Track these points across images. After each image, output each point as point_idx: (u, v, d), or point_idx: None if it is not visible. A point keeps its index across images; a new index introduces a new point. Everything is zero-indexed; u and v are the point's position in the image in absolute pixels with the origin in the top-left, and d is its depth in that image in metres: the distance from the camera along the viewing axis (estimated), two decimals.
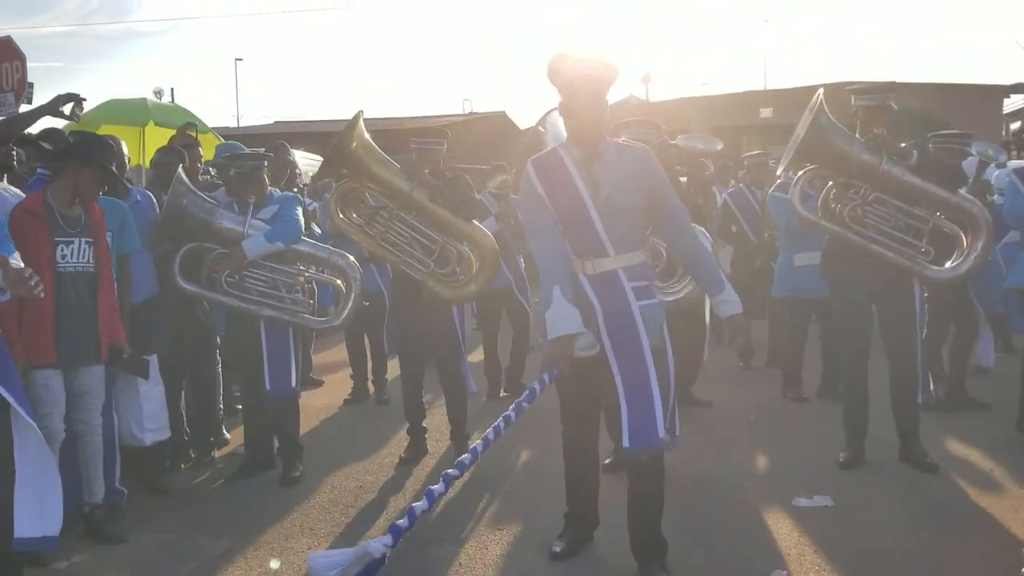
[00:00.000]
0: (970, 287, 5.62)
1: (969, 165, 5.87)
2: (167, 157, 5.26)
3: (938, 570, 3.51)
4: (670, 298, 4.65)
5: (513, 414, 3.23)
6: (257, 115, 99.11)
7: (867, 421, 4.77)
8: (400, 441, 5.33)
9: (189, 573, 3.69)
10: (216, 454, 5.31)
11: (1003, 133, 23.92)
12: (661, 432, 3.24)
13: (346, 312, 4.96)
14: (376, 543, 2.79)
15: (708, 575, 3.55)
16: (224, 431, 5.64)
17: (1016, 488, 4.38)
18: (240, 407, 5.70)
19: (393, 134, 11.86)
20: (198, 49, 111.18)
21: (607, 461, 4.64)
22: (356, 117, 4.72)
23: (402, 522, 2.67)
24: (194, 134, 6.30)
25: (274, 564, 3.72)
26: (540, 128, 4.13)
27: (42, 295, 3.18)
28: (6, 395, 3.14)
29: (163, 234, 4.70)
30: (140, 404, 4.37)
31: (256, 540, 4.00)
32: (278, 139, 7.10)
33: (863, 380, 4.74)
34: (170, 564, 3.77)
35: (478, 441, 2.92)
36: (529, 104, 61.70)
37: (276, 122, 28.07)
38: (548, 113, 4.03)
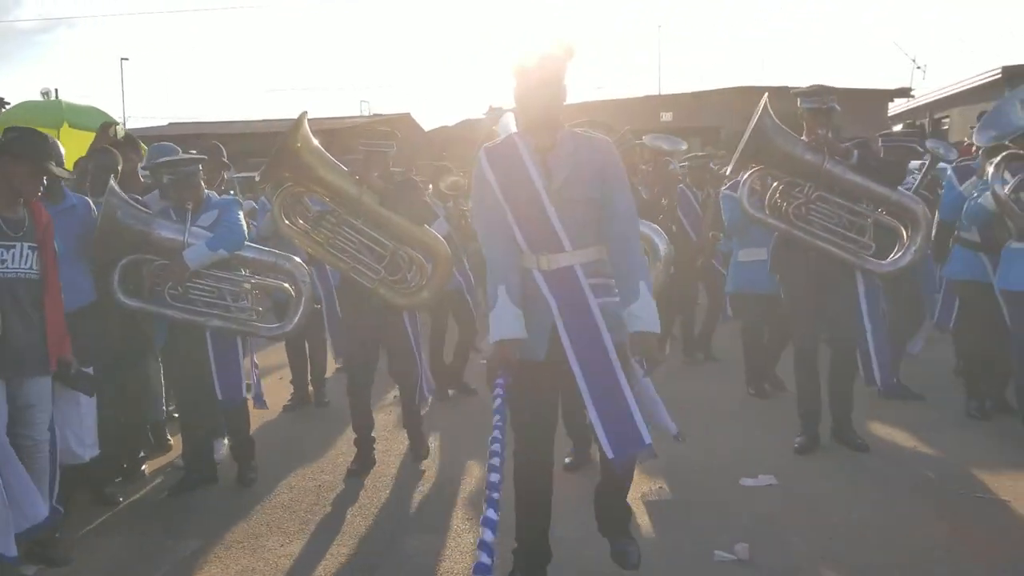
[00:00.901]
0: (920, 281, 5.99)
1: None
2: (106, 159, 5.09)
3: (884, 536, 3.80)
4: None
5: (499, 431, 2.99)
6: (145, 116, 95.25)
7: (820, 407, 5.00)
8: (349, 440, 5.24)
9: (165, 574, 3.66)
10: (145, 468, 5.12)
11: None
12: (647, 438, 3.05)
13: (297, 317, 4.82)
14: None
15: (675, 551, 3.74)
16: (168, 436, 5.55)
17: (945, 462, 4.74)
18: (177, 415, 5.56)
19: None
20: (82, 48, 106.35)
21: (567, 460, 4.70)
22: (301, 118, 4.55)
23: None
24: (115, 134, 6.05)
25: None
26: (494, 128, 4.18)
27: None
28: None
29: (101, 250, 4.47)
30: (81, 419, 4.13)
31: (226, 539, 4.00)
32: (172, 140, 6.84)
33: (815, 369, 4.98)
34: (144, 565, 3.74)
35: (494, 474, 2.72)
36: (433, 105, 60.88)
37: (171, 123, 27.14)
38: (504, 113, 4.10)
